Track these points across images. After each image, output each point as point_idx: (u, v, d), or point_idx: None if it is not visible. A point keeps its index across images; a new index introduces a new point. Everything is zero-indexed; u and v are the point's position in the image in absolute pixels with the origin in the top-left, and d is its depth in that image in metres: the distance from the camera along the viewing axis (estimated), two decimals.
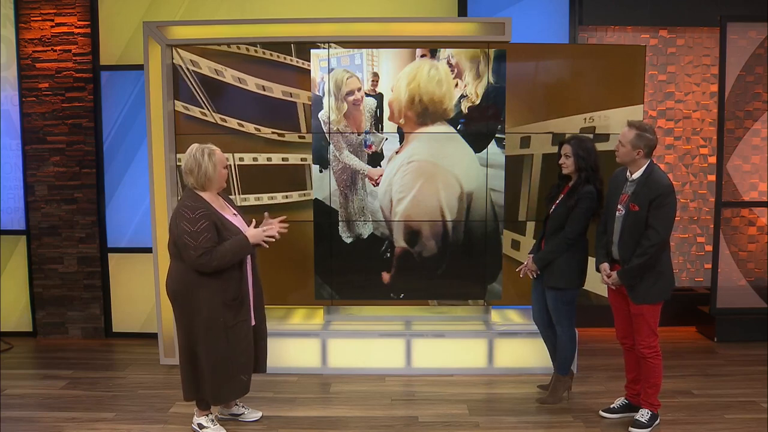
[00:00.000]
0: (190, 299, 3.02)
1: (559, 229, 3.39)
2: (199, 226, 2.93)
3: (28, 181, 4.79)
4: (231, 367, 3.08)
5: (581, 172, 3.33)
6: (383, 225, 4.09)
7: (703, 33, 5.00)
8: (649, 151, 3.10)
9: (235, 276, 3.05)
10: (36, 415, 3.49)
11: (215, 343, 3.03)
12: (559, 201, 3.43)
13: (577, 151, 3.32)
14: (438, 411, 3.50)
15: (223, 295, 3.01)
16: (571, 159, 3.34)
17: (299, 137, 4.06)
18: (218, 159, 3.07)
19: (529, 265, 3.51)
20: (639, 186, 3.08)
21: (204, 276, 2.98)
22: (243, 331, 3.09)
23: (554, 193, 3.50)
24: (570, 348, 3.51)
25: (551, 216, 3.44)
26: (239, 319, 3.07)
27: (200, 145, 3.07)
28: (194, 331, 3.05)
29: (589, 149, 3.34)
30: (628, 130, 3.11)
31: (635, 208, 3.07)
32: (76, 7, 4.64)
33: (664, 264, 3.12)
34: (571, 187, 3.38)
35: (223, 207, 3.13)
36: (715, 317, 4.73)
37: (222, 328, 3.02)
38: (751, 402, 3.58)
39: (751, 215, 4.80)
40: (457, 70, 3.98)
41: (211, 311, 3.00)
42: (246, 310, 3.10)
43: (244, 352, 3.11)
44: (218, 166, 3.06)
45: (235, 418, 3.39)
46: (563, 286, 3.41)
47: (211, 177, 3.04)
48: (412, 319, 4.33)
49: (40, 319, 4.89)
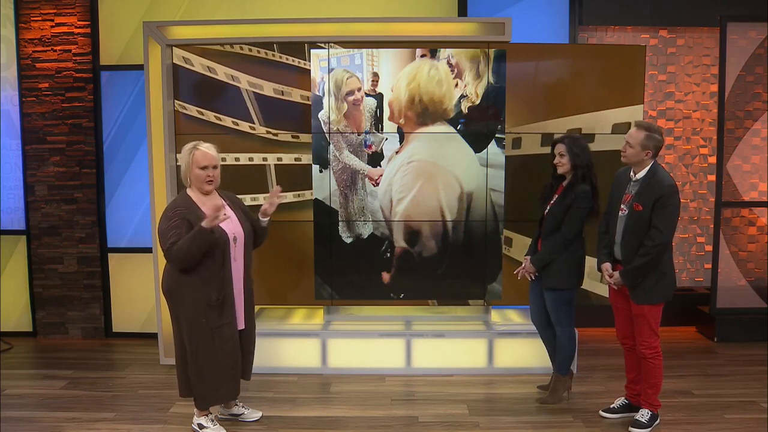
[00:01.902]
0: (177, 299, 3.03)
1: (555, 229, 3.39)
2: (171, 223, 2.92)
3: (28, 181, 4.79)
4: (217, 369, 3.06)
5: (577, 169, 3.33)
6: (383, 225, 4.09)
7: (703, 33, 5.00)
8: (657, 151, 3.09)
9: (218, 275, 3.01)
10: (36, 415, 3.49)
11: (200, 343, 3.02)
12: (554, 201, 3.42)
13: (571, 149, 3.33)
14: (438, 411, 3.50)
15: (205, 295, 2.99)
16: (566, 157, 3.34)
17: (292, 137, 4.05)
18: (194, 158, 3.00)
19: (527, 267, 3.50)
20: (643, 186, 3.08)
21: (188, 275, 2.98)
22: (228, 333, 3.06)
23: (548, 193, 3.50)
24: (570, 348, 3.51)
25: (547, 216, 3.44)
26: (224, 321, 3.04)
27: (194, 142, 3.06)
28: (182, 330, 3.06)
29: (584, 147, 3.35)
30: (636, 130, 3.09)
31: (639, 207, 3.06)
32: (76, 7, 4.64)
33: (667, 264, 3.11)
34: (567, 186, 3.38)
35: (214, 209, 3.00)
36: (715, 317, 4.73)
37: (206, 329, 3.01)
38: (751, 402, 3.59)
39: (751, 215, 4.80)
40: (457, 70, 3.98)
41: (195, 311, 3.00)
42: (229, 311, 3.06)
43: (230, 354, 3.08)
44: (192, 166, 3.00)
45: (235, 418, 3.38)
46: (562, 287, 3.41)
47: (184, 174, 3.04)
48: (412, 319, 4.33)
49: (40, 319, 4.89)
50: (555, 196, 3.43)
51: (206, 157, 3.03)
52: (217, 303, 3.01)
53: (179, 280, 3.01)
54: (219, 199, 3.14)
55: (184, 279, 2.99)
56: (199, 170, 3.01)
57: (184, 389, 3.17)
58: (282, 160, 4.08)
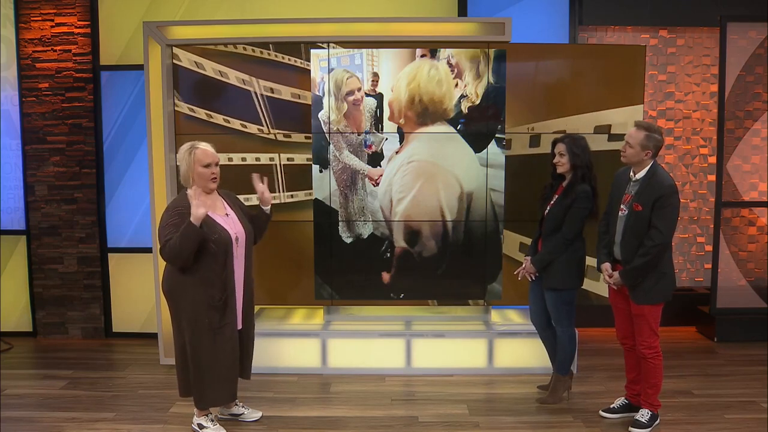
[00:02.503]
0: (177, 299, 3.04)
1: (555, 229, 3.39)
2: (169, 221, 2.93)
3: (28, 181, 4.79)
4: (217, 370, 3.06)
5: (577, 169, 3.33)
6: (383, 225, 4.09)
7: (703, 33, 5.00)
8: (657, 151, 3.09)
9: (220, 276, 3.01)
10: (36, 415, 3.49)
11: (200, 343, 3.03)
12: (554, 201, 3.42)
13: (571, 148, 3.33)
14: (438, 411, 3.50)
15: (207, 295, 2.99)
16: (566, 157, 3.34)
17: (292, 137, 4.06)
18: (196, 157, 3.00)
19: (528, 268, 3.50)
20: (642, 186, 3.08)
21: (190, 275, 2.98)
22: (228, 333, 3.07)
23: (548, 193, 3.50)
24: (570, 348, 3.51)
25: (547, 217, 3.44)
26: (225, 321, 3.04)
27: (191, 142, 3.07)
28: (182, 330, 3.06)
29: (583, 147, 3.35)
30: (636, 131, 3.08)
31: (638, 207, 3.06)
32: (76, 7, 4.64)
33: (667, 264, 3.11)
34: (567, 186, 3.38)
35: (216, 208, 3.08)
36: (715, 317, 4.73)
37: (207, 329, 3.01)
38: (751, 402, 3.59)
39: (751, 215, 4.80)
40: (457, 70, 3.98)
41: (196, 312, 3.00)
42: (231, 312, 3.07)
43: (229, 355, 3.09)
44: (195, 165, 3.00)
45: (235, 418, 3.38)
46: (563, 287, 3.41)
47: (185, 174, 3.03)
48: (412, 319, 4.33)
49: (40, 319, 4.89)
50: (555, 196, 3.43)
51: (208, 155, 3.03)
52: (219, 303, 3.01)
53: (180, 279, 3.01)
54: (219, 199, 3.15)
55: (185, 279, 2.99)
56: (202, 168, 3.01)
57: (183, 389, 3.17)
58: (282, 160, 4.08)
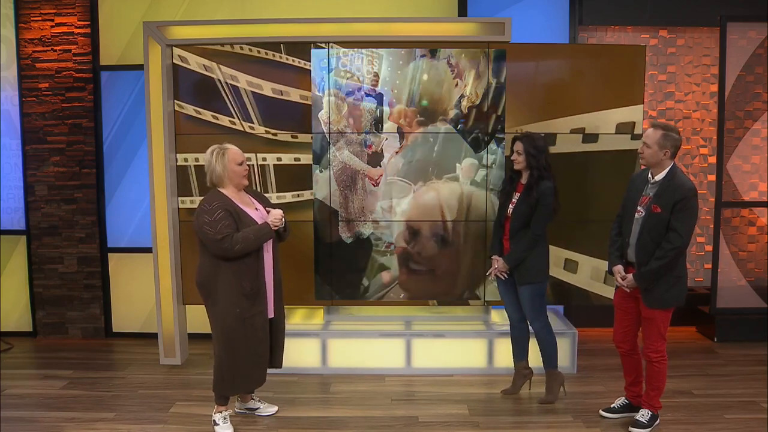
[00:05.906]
0: (210, 291, 3.13)
1: (522, 227, 3.43)
2: (216, 216, 3.04)
3: (28, 181, 4.79)
4: (249, 357, 3.16)
5: (532, 170, 3.38)
6: (383, 225, 4.09)
7: (703, 33, 5.00)
8: (675, 151, 3.06)
9: (252, 267, 3.13)
10: (36, 415, 3.49)
11: (234, 331, 3.11)
12: (517, 200, 3.47)
13: (528, 149, 3.38)
14: (438, 411, 3.50)
15: (239, 285, 3.09)
16: (523, 156, 3.38)
17: (292, 137, 4.06)
18: (230, 157, 3.15)
19: (501, 267, 3.52)
20: (662, 188, 3.04)
21: (222, 267, 3.08)
22: (259, 322, 3.17)
23: (508, 188, 3.56)
24: (551, 339, 3.56)
25: (512, 216, 3.47)
26: (255, 310, 3.14)
27: (217, 145, 3.18)
28: (217, 321, 3.15)
29: (540, 147, 3.39)
30: (653, 131, 3.05)
31: (657, 209, 3.02)
32: (76, 7, 4.64)
33: (681, 269, 3.07)
34: (527, 185, 3.43)
35: (246, 203, 3.20)
36: (715, 317, 4.73)
37: (239, 317, 3.10)
38: (751, 402, 3.59)
39: (751, 215, 4.80)
40: (457, 70, 3.98)
41: (229, 301, 3.09)
42: (262, 301, 3.17)
43: (260, 343, 3.19)
44: (229, 164, 3.14)
45: (252, 412, 3.45)
46: (538, 280, 3.48)
47: (220, 175, 3.14)
48: (412, 319, 4.33)
49: (40, 319, 4.89)
50: (516, 195, 3.48)
51: (239, 153, 3.21)
52: (251, 293, 3.12)
53: (214, 271, 3.11)
54: (246, 195, 3.26)
55: (219, 270, 3.10)
56: (237, 166, 3.16)
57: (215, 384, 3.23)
58: (282, 160, 4.08)
